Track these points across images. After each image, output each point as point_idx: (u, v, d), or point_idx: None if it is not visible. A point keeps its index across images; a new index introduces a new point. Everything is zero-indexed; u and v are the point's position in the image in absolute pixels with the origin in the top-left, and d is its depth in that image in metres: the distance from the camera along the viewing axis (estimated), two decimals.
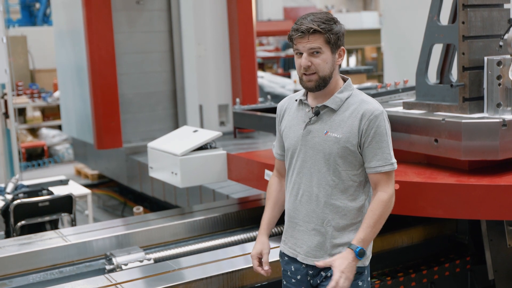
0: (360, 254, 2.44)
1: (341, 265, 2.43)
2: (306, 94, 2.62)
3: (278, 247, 2.80)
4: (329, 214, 2.53)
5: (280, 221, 2.85)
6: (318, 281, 2.60)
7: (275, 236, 4.05)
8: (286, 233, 2.69)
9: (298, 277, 2.65)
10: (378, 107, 2.50)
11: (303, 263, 2.62)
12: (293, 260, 2.66)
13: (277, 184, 2.81)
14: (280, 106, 2.76)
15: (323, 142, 2.51)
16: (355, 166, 2.52)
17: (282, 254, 2.74)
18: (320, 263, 2.50)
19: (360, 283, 2.57)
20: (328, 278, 2.55)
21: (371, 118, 2.46)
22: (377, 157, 2.48)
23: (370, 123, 2.46)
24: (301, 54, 2.48)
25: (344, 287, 2.41)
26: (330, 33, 2.44)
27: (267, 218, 2.79)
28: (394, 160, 2.53)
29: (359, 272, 2.55)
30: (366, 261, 2.58)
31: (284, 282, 2.74)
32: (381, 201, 2.49)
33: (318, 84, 2.49)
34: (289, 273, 2.69)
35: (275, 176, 2.84)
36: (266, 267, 2.70)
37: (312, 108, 2.57)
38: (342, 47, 2.52)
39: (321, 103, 2.54)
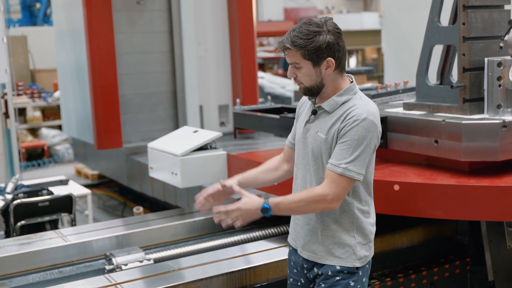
0: (263, 209, 2.47)
1: (244, 204, 2.48)
2: None
3: (286, 245, 2.85)
4: (318, 212, 2.57)
5: (286, 220, 2.86)
6: (312, 276, 2.65)
7: (278, 236, 4.06)
8: (291, 226, 2.77)
9: (298, 268, 2.72)
10: (362, 114, 2.44)
11: (301, 256, 2.68)
12: (295, 251, 2.73)
13: (276, 162, 2.84)
14: (301, 101, 2.81)
15: (313, 141, 2.56)
16: None
17: (289, 244, 2.81)
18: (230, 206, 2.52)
19: (352, 283, 2.57)
20: (319, 275, 2.60)
21: (349, 121, 2.44)
22: (334, 155, 2.47)
23: (346, 125, 2.45)
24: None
25: (233, 220, 2.49)
26: (305, 49, 2.43)
27: (247, 173, 2.81)
28: (347, 167, 2.42)
29: (350, 272, 2.57)
30: (356, 263, 2.57)
31: (288, 271, 2.81)
32: (312, 190, 2.49)
33: (305, 92, 2.57)
34: (292, 263, 2.77)
35: (278, 156, 2.87)
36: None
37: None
38: (329, 58, 2.46)
39: (320, 103, 2.58)
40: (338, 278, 2.56)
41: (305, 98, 2.75)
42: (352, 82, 2.59)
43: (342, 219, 2.56)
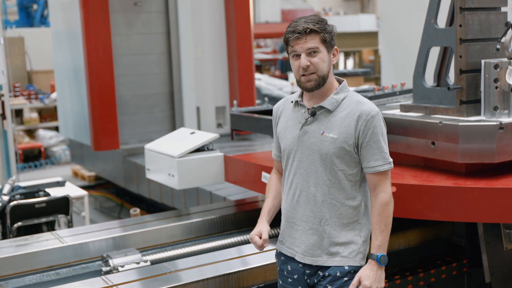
0: (382, 260, 2.51)
1: (368, 278, 2.50)
2: (301, 95, 2.65)
3: (275, 249, 2.80)
4: (326, 213, 2.56)
5: (276, 223, 2.85)
6: (315, 281, 2.61)
7: (275, 237, 4.05)
8: (284, 233, 2.71)
9: (295, 276, 2.66)
10: (374, 108, 2.54)
11: (300, 263, 2.64)
12: (291, 259, 2.68)
13: (277, 180, 2.84)
14: (275, 108, 2.79)
15: (320, 142, 2.54)
16: (351, 166, 2.55)
17: (278, 254, 2.76)
18: (351, 286, 2.53)
19: None
20: (326, 277, 2.57)
21: (368, 119, 2.49)
22: (375, 157, 2.52)
23: (367, 124, 2.49)
24: (298, 56, 2.52)
25: None
26: (325, 32, 2.50)
27: (268, 206, 2.79)
28: (391, 159, 2.57)
29: (356, 271, 2.58)
30: (362, 261, 2.60)
31: (280, 282, 2.75)
32: (384, 202, 2.53)
33: (318, 83, 2.53)
34: (285, 272, 2.70)
35: (274, 173, 2.87)
36: (265, 244, 2.66)
37: (308, 109, 2.60)
38: (335, 47, 2.58)
39: (316, 104, 2.58)
40: (346, 279, 2.56)
41: (281, 105, 2.75)
42: (342, 81, 2.63)
43: (350, 219, 2.56)
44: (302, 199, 2.59)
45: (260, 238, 2.67)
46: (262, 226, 2.71)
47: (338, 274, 2.55)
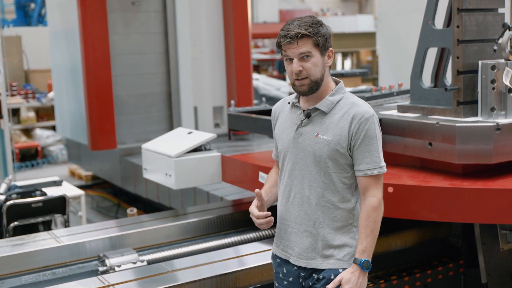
0: (364, 266, 2.47)
1: (349, 282, 2.47)
2: (298, 97, 2.64)
3: (271, 249, 2.80)
4: (320, 216, 2.54)
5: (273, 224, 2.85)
6: (310, 283, 2.60)
7: (268, 238, 4.05)
8: (278, 235, 2.70)
9: (290, 279, 2.65)
10: (369, 110, 2.51)
11: (295, 265, 2.62)
12: (285, 262, 2.66)
13: (276, 173, 2.80)
14: (274, 109, 2.78)
15: (314, 144, 2.53)
16: (345, 169, 2.53)
17: (274, 256, 2.75)
18: (330, 285, 2.50)
19: None
20: (320, 280, 2.56)
21: (361, 120, 2.48)
22: (366, 160, 2.49)
23: (360, 125, 2.48)
24: (291, 60, 2.49)
25: None
26: (318, 36, 2.46)
27: (264, 189, 2.74)
28: (384, 164, 2.53)
29: None
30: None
31: (276, 284, 2.74)
32: (372, 207, 2.49)
33: (311, 88, 2.51)
34: (281, 275, 2.69)
35: (274, 168, 2.85)
36: (261, 201, 2.58)
37: (303, 110, 2.59)
38: (331, 49, 2.54)
39: (312, 105, 2.56)
40: None
41: (279, 106, 2.73)
42: (339, 82, 2.61)
43: (344, 221, 2.55)
44: (297, 201, 2.58)
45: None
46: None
47: (332, 277, 2.54)
